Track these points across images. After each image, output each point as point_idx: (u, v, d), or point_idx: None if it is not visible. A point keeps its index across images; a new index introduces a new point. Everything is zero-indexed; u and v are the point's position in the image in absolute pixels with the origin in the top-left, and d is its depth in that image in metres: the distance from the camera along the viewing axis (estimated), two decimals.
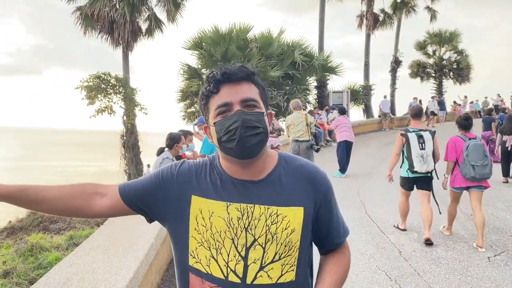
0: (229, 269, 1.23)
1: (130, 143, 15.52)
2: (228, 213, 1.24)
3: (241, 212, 1.24)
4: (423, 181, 5.16)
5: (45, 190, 1.29)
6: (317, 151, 8.15)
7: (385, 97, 22.14)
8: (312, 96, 19.56)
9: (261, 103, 1.25)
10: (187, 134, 6.00)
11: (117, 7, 16.03)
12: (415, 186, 5.28)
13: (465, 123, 5.16)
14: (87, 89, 14.56)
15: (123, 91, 15.04)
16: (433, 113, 20.52)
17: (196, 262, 1.27)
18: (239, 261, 1.23)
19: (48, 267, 7.19)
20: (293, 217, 1.25)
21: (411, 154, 5.04)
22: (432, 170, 5.09)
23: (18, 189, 1.28)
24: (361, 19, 25.48)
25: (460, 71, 29.46)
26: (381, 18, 25.60)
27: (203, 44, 16.09)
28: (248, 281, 1.23)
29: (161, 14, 17.24)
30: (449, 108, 24.50)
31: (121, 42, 16.24)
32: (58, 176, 34.87)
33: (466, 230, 5.60)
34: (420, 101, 21.56)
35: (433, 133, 5.13)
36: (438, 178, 5.16)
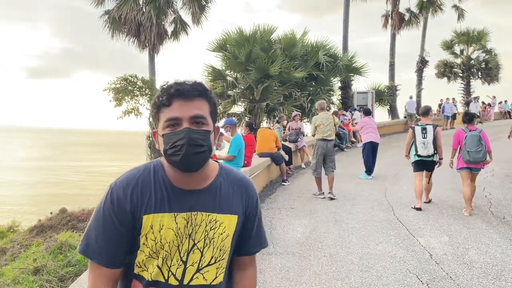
0: (170, 273, 1.32)
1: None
2: (176, 223, 1.31)
3: (186, 220, 1.31)
4: (428, 164, 6.75)
5: None
6: (343, 150, 8.36)
7: (410, 97, 21.77)
8: (336, 97, 19.41)
9: (209, 120, 1.31)
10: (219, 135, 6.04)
11: (144, 10, 16.30)
12: (423, 168, 6.77)
13: (465, 118, 6.57)
14: (115, 91, 14.86)
15: (149, 92, 15.28)
16: (476, 115, 20.09)
17: (142, 270, 1.33)
18: (180, 265, 1.32)
19: (77, 265, 7.37)
20: (228, 224, 1.36)
21: (416, 141, 6.67)
22: (432, 154, 6.60)
23: None
24: (386, 19, 25.10)
25: (489, 70, 28.64)
26: (406, 18, 25.15)
27: (228, 46, 16.17)
28: (185, 282, 1.32)
29: (186, 17, 17.48)
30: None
31: (147, 44, 16.51)
32: (86, 175, 35.70)
33: (498, 234, 5.46)
34: (453, 101, 21.12)
35: (435, 127, 6.69)
36: (436, 162, 6.69)
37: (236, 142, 6.97)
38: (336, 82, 18.84)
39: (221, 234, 1.35)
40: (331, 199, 7.49)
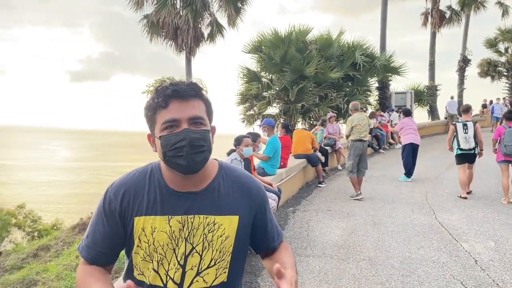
0: (168, 277, 1.31)
1: None
2: (170, 226, 1.30)
3: (182, 224, 1.30)
4: (469, 157, 7.42)
5: None
6: (375, 150, 8.50)
7: (452, 97, 21.07)
8: (374, 98, 19.02)
9: (206, 120, 1.31)
10: (256, 137, 6.07)
11: (181, 14, 16.59)
12: (466, 161, 7.44)
13: (507, 115, 7.13)
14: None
15: None
16: None
17: (139, 274, 1.34)
18: (178, 269, 1.31)
19: (117, 262, 7.59)
20: (228, 225, 1.33)
21: (458, 137, 7.33)
22: (473, 148, 7.28)
23: None
24: (425, 17, 24.42)
25: None
26: (447, 15, 24.36)
27: (263, 47, 16.17)
28: (185, 286, 1.31)
29: (222, 19, 17.64)
30: None
31: (184, 47, 16.78)
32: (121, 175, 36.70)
33: None
34: (504, 101, 20.32)
35: (475, 123, 7.35)
36: (477, 154, 7.41)
37: (273, 143, 6.97)
38: (374, 83, 18.47)
39: (220, 236, 1.33)
40: (358, 198, 7.58)
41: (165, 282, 1.32)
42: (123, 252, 1.42)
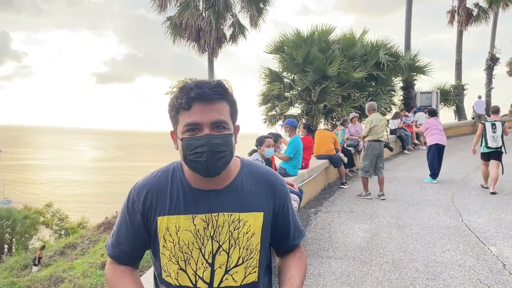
0: (197, 277, 1.30)
1: None
2: (195, 225, 1.29)
3: (206, 222, 1.29)
4: (495, 154, 7.79)
5: None
6: (391, 150, 8.62)
7: (479, 97, 20.48)
8: (398, 98, 18.69)
9: (230, 123, 1.27)
10: (277, 137, 6.05)
11: (204, 15, 16.73)
12: (491, 158, 7.84)
13: None
14: None
15: None
16: None
17: (167, 276, 1.33)
18: (206, 268, 1.29)
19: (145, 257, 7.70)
20: (253, 222, 1.31)
21: (486, 136, 7.76)
22: (501, 146, 7.70)
23: None
24: (452, 15, 23.87)
25: None
26: (474, 13, 23.75)
27: (285, 47, 16.13)
28: (215, 285, 1.30)
29: (244, 20, 17.69)
30: None
31: (206, 49, 16.91)
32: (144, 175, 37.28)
33: None
34: None
35: (503, 123, 7.78)
36: (506, 153, 7.83)
37: (294, 144, 6.94)
38: (398, 82, 18.13)
39: (246, 233, 1.31)
40: (381, 199, 7.58)
41: (194, 282, 1.30)
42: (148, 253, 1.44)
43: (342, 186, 8.79)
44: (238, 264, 1.31)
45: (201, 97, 1.22)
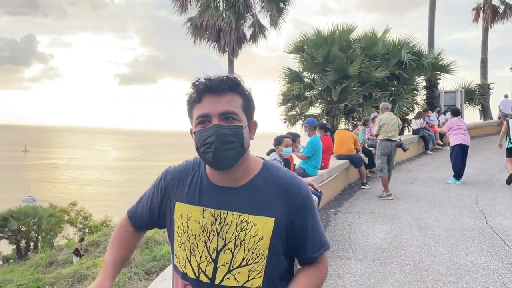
0: (200, 270, 1.32)
1: None
2: (203, 218, 1.32)
3: (214, 217, 1.30)
4: None
5: (121, 255, 1.51)
6: (405, 150, 8.65)
7: (506, 96, 19.91)
8: (421, 97, 18.36)
9: (241, 115, 1.27)
10: (296, 137, 6.02)
11: (224, 16, 16.80)
12: None
13: None
14: None
15: None
16: None
17: (177, 261, 1.39)
18: (209, 263, 1.31)
19: (161, 260, 7.77)
20: (262, 226, 1.28)
21: (510, 132, 8.15)
22: None
23: (114, 269, 1.48)
24: (477, 12, 23.29)
25: None
26: (501, 10, 23.10)
27: (305, 47, 16.05)
28: (217, 281, 1.30)
29: (264, 20, 17.68)
30: None
31: (227, 49, 16.97)
32: None
33: None
34: None
35: None
36: None
37: (312, 143, 6.89)
38: (421, 81, 17.80)
39: (253, 236, 1.28)
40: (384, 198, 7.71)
41: (197, 274, 1.32)
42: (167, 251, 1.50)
43: (362, 187, 8.69)
44: (242, 265, 1.29)
45: (210, 89, 1.26)
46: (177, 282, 1.40)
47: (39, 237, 21.36)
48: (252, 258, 1.29)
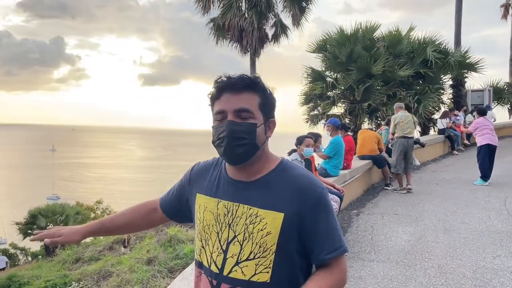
0: (212, 260, 1.37)
1: None
2: (217, 209, 1.38)
3: (227, 209, 1.36)
4: None
5: (116, 219, 1.67)
6: (423, 146, 8.90)
7: None
8: (447, 96, 17.95)
9: (256, 113, 1.32)
10: (317, 137, 5.99)
11: (246, 16, 16.83)
12: None
13: None
14: None
15: None
16: None
17: (196, 250, 1.47)
18: (220, 253, 1.35)
19: (184, 258, 7.86)
20: (271, 221, 1.30)
21: None
22: None
23: (96, 226, 1.67)
24: (506, 8, 22.68)
25: None
26: None
27: (328, 46, 15.93)
28: (225, 273, 1.33)
29: (286, 20, 17.63)
30: None
31: (249, 49, 16.99)
32: None
33: None
34: None
35: None
36: None
37: (334, 143, 6.84)
38: (447, 80, 17.40)
39: (261, 230, 1.30)
40: (409, 191, 8.00)
41: (209, 264, 1.38)
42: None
43: (386, 188, 8.56)
44: (249, 258, 1.31)
45: (228, 86, 1.32)
46: (195, 270, 1.48)
47: None
48: (259, 252, 1.30)
